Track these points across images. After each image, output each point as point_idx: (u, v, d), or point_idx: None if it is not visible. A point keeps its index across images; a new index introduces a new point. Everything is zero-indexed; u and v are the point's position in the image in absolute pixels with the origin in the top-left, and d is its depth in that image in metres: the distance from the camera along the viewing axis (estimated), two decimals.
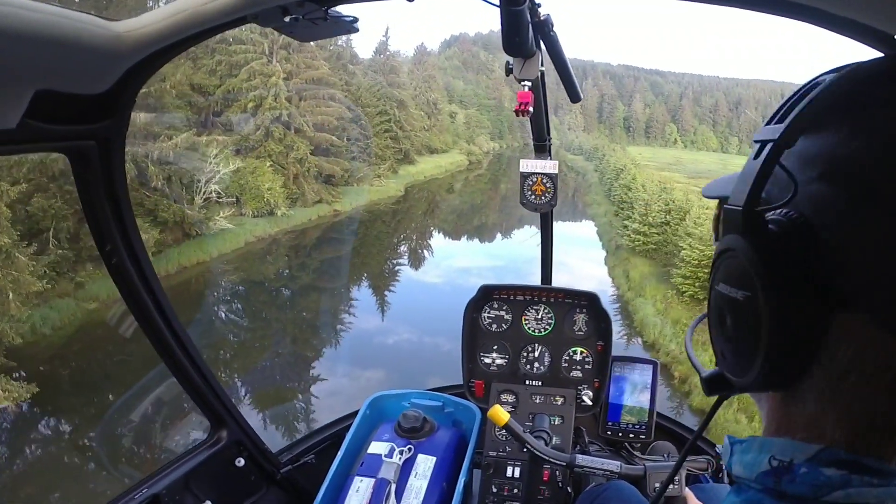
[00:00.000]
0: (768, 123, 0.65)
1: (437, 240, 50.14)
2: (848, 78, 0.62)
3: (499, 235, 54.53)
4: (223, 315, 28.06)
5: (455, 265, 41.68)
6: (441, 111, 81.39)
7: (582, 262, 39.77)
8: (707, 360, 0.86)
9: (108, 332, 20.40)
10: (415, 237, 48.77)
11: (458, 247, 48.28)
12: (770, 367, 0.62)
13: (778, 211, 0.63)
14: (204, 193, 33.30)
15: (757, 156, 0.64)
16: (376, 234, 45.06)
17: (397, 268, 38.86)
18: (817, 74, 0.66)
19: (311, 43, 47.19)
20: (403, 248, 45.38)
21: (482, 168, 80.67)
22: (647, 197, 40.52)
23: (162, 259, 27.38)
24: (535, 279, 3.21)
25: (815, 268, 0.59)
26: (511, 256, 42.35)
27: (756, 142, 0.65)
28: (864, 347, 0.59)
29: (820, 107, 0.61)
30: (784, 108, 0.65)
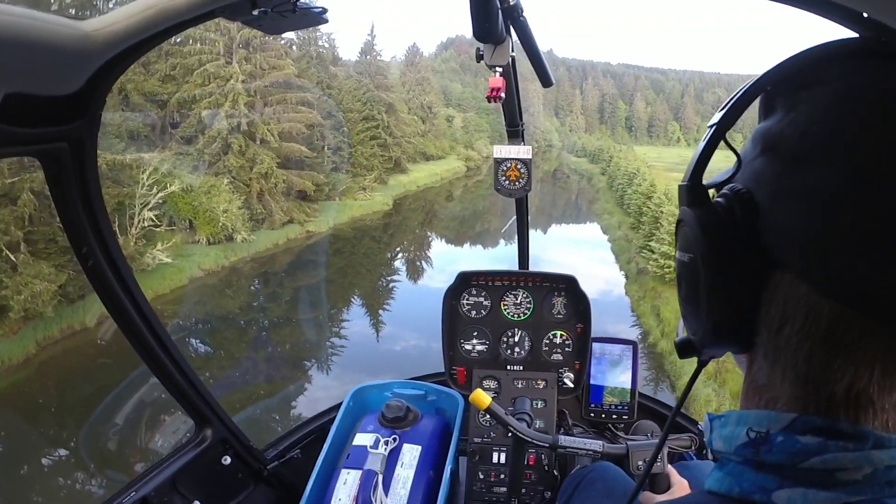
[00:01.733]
0: (720, 110, 0.74)
1: (440, 247, 49.10)
2: (795, 61, 0.68)
3: (502, 242, 49.85)
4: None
5: (460, 270, 34.63)
6: (437, 115, 78.54)
7: (595, 280, 36.79)
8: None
9: None
10: (412, 248, 46.72)
11: (461, 253, 47.41)
12: (713, 324, 0.68)
13: (729, 186, 0.70)
14: (139, 222, 28.58)
15: (706, 139, 0.72)
16: (364, 251, 41.55)
17: (392, 285, 36.70)
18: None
19: (281, 40, 42.22)
20: (399, 262, 43.04)
21: (482, 174, 77.55)
22: (671, 211, 34.89)
23: (70, 312, 23.17)
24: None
25: (751, 233, 0.65)
26: (514, 260, 37.03)
27: (708, 126, 0.73)
28: (794, 303, 0.63)
29: (764, 89, 0.70)
30: (734, 96, 0.73)
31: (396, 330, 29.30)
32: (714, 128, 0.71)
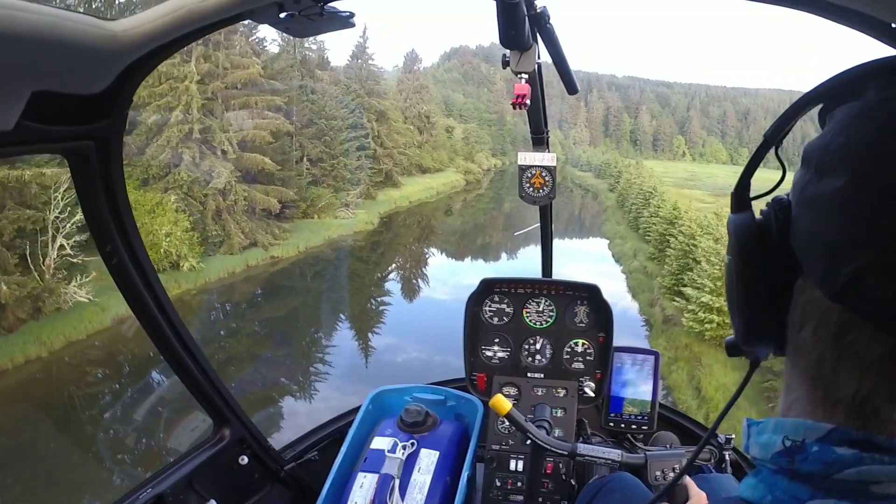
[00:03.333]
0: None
1: (441, 260, 47.42)
2: (835, 80, 0.69)
3: (504, 255, 51.19)
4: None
5: (463, 282, 38.44)
6: (435, 125, 75.25)
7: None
8: None
9: None
10: (408, 266, 44.35)
11: (462, 267, 45.37)
12: (747, 325, 0.73)
13: (776, 196, 0.74)
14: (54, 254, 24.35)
15: (757, 149, 0.76)
16: (349, 272, 38.29)
17: (382, 308, 34.15)
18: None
19: (253, 38, 38.90)
20: (392, 281, 40.47)
21: (482, 188, 75.74)
22: (711, 247, 27.89)
23: None
24: None
25: (783, 239, 0.69)
26: (516, 270, 41.79)
27: (764, 136, 0.76)
28: (810, 308, 0.67)
29: (810, 105, 0.72)
30: (789, 110, 0.75)
31: (398, 341, 28.57)
32: (764, 139, 0.75)
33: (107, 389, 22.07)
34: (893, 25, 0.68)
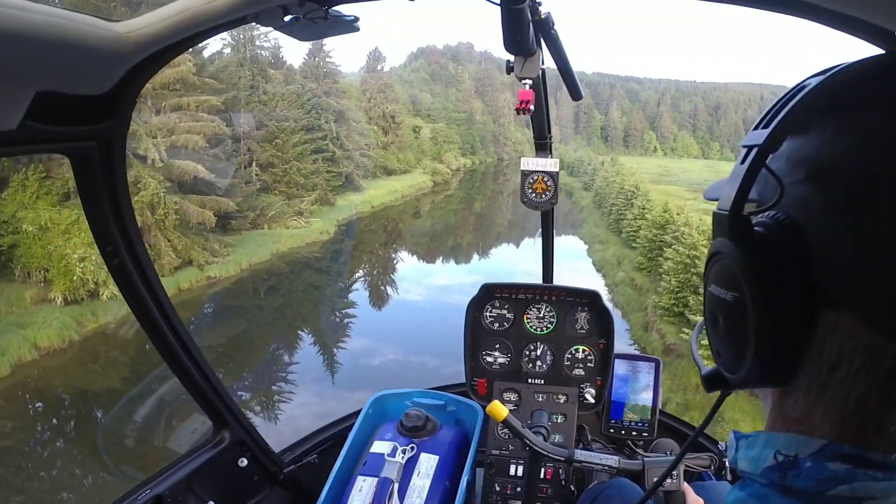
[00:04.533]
0: (755, 128, 0.69)
1: (412, 262, 46.16)
2: (833, 79, 0.65)
3: (475, 255, 50.07)
4: None
5: (436, 283, 39.46)
6: (401, 125, 73.50)
7: None
8: None
9: None
10: (375, 272, 42.46)
11: (434, 269, 44.41)
12: (760, 363, 0.67)
13: (766, 213, 0.68)
14: None
15: (743, 160, 0.68)
16: (304, 287, 35.60)
17: (347, 320, 31.86)
18: (804, 78, 0.70)
19: None
20: (358, 291, 38.20)
21: (451, 188, 74.15)
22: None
23: None
24: None
25: (801, 268, 0.63)
26: (490, 270, 41.03)
27: (743, 146, 0.69)
28: (852, 345, 0.62)
29: (806, 109, 0.65)
30: (770, 113, 0.69)
31: (373, 344, 27.77)
32: (756, 150, 0.66)
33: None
34: None
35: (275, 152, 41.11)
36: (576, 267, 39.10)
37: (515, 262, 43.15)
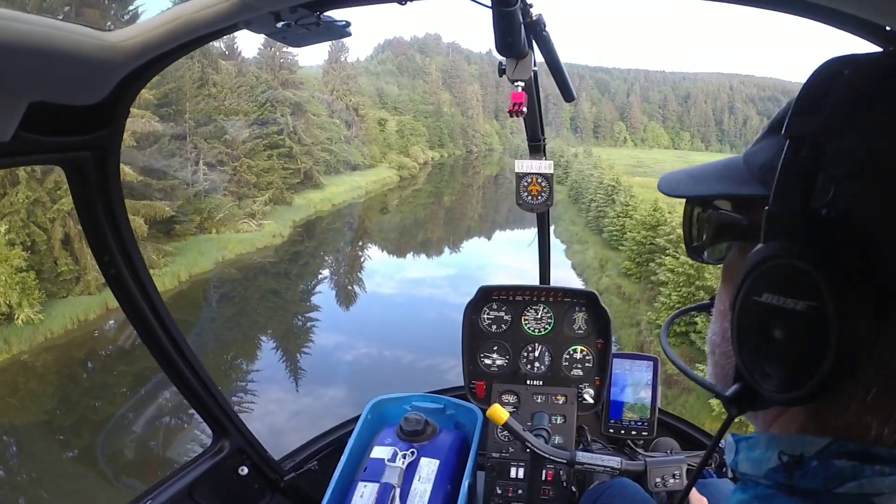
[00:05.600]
0: (795, 115, 0.64)
1: (382, 257, 45.16)
2: (865, 72, 0.63)
3: (447, 249, 48.91)
4: None
5: (408, 276, 39.43)
6: (365, 118, 71.24)
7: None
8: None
9: None
10: (341, 271, 40.70)
11: (405, 263, 43.65)
12: (828, 375, 0.60)
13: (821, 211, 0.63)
14: None
15: (795, 153, 0.63)
16: (261, 294, 33.22)
17: (310, 324, 30.65)
18: (822, 62, 0.66)
19: (91, 12, 32.06)
20: (320, 294, 36.09)
21: (418, 183, 72.48)
22: None
23: None
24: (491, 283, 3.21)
25: (867, 270, 0.58)
26: (462, 264, 40.83)
27: (791, 137, 0.64)
28: None
29: (843, 101, 0.62)
30: (805, 101, 0.64)
31: (349, 339, 27.62)
32: (810, 140, 0.61)
33: None
34: (888, 28, 0.70)
35: (223, 149, 38.57)
36: (553, 274, 37.75)
37: (488, 255, 43.01)
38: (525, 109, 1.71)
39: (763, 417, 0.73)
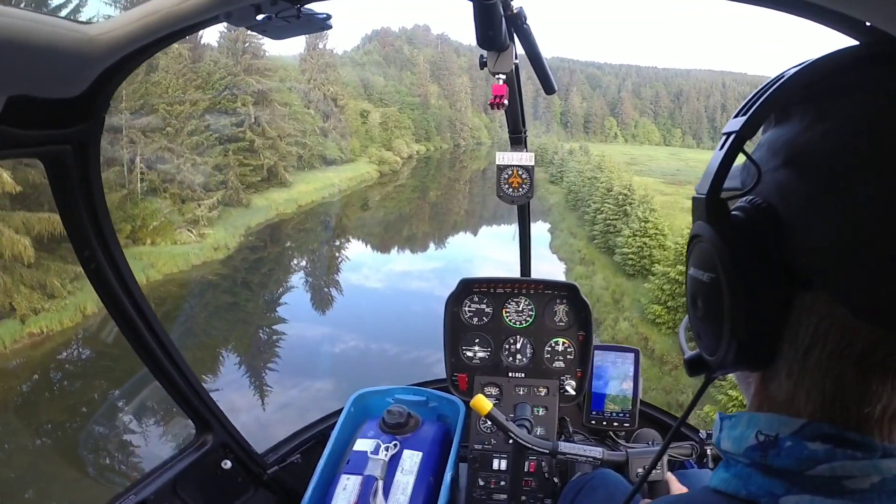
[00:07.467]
0: (735, 116, 0.72)
1: (366, 252, 43.75)
2: (811, 69, 0.68)
3: (432, 245, 47.54)
4: None
5: (395, 269, 38.31)
6: (345, 109, 66.61)
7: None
8: None
9: None
10: (314, 277, 37.66)
11: (390, 258, 42.62)
12: (737, 345, 0.68)
13: (745, 198, 0.70)
14: None
15: (722, 147, 0.70)
16: (215, 307, 29.13)
17: (275, 336, 27.06)
18: (786, 69, 0.72)
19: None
20: (285, 305, 32.41)
21: (401, 178, 68.67)
22: None
23: None
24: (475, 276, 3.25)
25: (777, 250, 0.65)
26: (448, 257, 39.99)
27: (723, 134, 0.72)
28: (826, 325, 0.64)
29: (784, 97, 0.68)
30: (750, 101, 0.71)
31: (336, 331, 27.04)
32: (734, 136, 0.68)
33: None
34: (868, 24, 0.70)
35: (165, 143, 33.87)
36: (540, 254, 36.21)
37: (475, 248, 43.91)
38: (507, 102, 1.73)
39: (752, 399, 0.76)
